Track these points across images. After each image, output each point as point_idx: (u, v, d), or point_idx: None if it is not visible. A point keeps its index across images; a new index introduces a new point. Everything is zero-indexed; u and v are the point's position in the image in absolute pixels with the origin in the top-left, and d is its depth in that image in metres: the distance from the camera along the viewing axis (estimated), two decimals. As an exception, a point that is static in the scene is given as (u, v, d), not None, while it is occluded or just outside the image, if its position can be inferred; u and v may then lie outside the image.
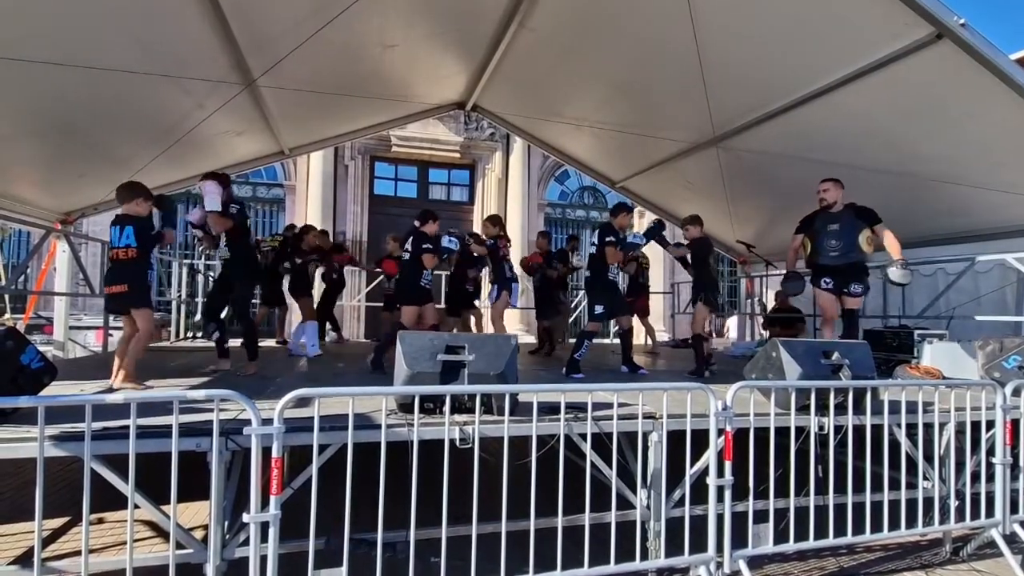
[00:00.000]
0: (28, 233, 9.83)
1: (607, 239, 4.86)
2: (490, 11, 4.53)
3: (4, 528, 3.18)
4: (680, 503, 2.72)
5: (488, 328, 6.42)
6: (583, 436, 2.62)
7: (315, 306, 6.88)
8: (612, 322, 5.24)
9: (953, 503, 3.16)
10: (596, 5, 4.25)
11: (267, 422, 2.14)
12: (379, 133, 9.39)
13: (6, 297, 9.01)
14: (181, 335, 8.25)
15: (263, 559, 2.10)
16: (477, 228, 11.28)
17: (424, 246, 4.65)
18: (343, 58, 4.88)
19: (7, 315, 8.50)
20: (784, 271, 8.01)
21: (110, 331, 6.62)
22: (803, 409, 2.92)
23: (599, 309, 4.90)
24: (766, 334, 7.81)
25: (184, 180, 6.34)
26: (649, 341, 7.66)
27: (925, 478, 3.14)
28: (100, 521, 3.23)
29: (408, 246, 4.77)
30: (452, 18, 4.71)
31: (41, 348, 2.77)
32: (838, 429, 2.92)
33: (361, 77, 5.39)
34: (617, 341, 7.48)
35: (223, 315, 4.48)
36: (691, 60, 4.42)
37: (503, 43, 4.91)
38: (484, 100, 6.53)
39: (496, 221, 6.25)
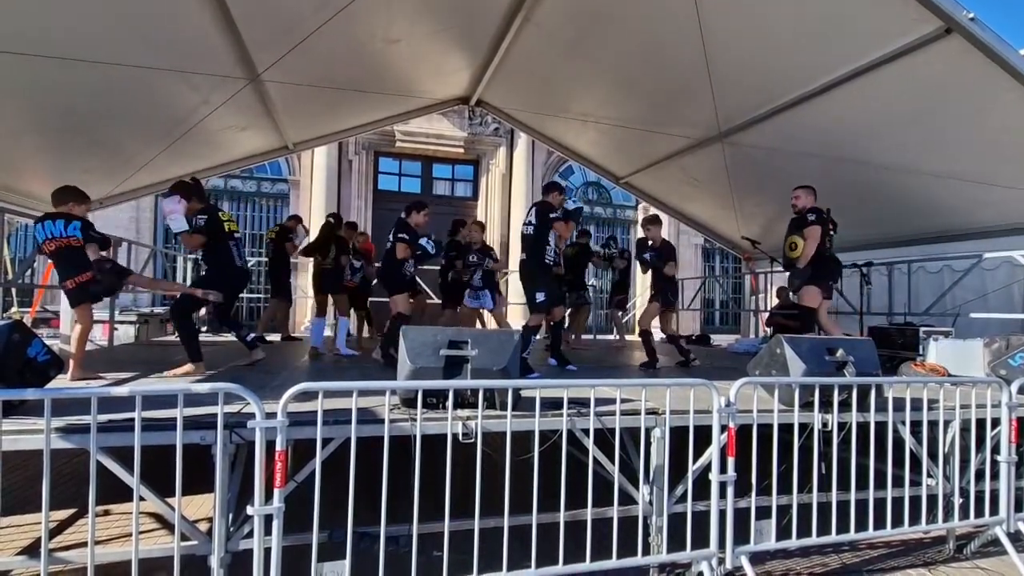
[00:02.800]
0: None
1: (552, 216, 4.48)
2: (495, 6, 4.51)
3: (12, 520, 3.21)
4: (682, 499, 2.72)
5: (491, 326, 6.48)
6: (585, 431, 2.62)
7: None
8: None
9: (957, 501, 3.15)
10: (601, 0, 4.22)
11: (271, 416, 2.15)
12: (383, 128, 9.42)
13: (13, 291, 9.05)
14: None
15: (267, 551, 2.12)
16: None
17: (400, 235, 4.59)
18: (347, 53, 4.87)
19: (14, 308, 8.55)
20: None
21: (115, 325, 6.66)
22: (807, 406, 2.91)
23: (541, 297, 4.43)
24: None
25: (187, 176, 6.34)
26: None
27: (929, 475, 3.13)
28: (106, 513, 3.26)
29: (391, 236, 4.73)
30: (456, 13, 4.69)
31: (48, 341, 2.79)
32: (842, 426, 2.91)
33: (365, 72, 5.38)
34: (611, 338, 7.54)
35: (231, 313, 4.51)
36: (697, 55, 4.39)
37: (508, 38, 4.89)
38: (488, 95, 6.52)
39: (483, 227, 6.62)
